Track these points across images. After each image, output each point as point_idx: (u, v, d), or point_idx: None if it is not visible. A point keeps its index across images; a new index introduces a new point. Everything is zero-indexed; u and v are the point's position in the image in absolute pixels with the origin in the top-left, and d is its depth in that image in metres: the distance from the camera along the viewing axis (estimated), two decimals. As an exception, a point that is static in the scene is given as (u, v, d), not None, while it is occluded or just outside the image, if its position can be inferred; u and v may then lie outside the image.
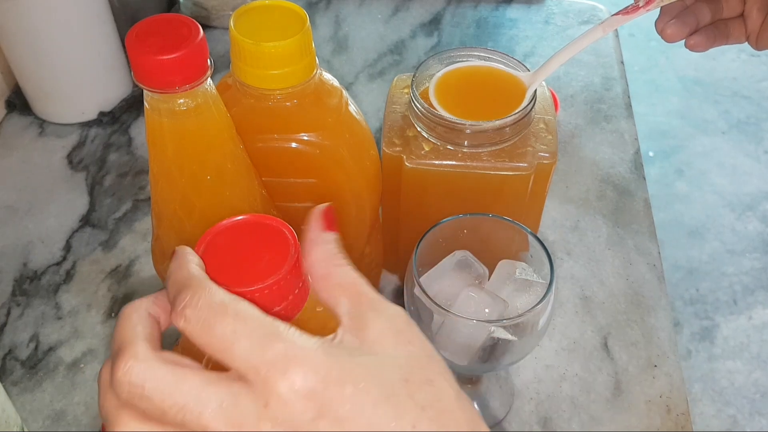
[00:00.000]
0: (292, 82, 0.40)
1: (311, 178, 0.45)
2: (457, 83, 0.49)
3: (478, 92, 0.49)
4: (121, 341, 0.25)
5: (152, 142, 0.37)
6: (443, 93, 0.48)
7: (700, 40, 0.45)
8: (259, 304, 0.29)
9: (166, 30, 0.34)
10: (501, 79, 0.49)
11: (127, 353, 0.25)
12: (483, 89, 0.49)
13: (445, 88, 0.48)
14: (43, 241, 0.63)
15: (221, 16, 0.85)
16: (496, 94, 0.48)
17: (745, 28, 0.46)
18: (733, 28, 0.46)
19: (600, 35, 0.44)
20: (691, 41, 0.45)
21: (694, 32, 0.45)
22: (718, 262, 1.64)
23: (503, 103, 0.47)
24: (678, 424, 0.50)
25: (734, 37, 0.46)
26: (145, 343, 0.25)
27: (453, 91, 0.48)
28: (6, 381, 0.53)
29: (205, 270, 0.29)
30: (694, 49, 0.46)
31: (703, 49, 0.45)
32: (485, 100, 0.49)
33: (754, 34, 0.45)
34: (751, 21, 0.45)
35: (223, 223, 0.30)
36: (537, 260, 0.44)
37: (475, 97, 0.49)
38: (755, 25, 0.45)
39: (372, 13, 0.89)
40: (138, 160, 0.71)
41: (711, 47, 0.46)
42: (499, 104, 0.47)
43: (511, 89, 0.48)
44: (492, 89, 0.49)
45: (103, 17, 0.71)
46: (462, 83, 0.49)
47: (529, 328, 0.42)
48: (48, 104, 0.74)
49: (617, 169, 0.69)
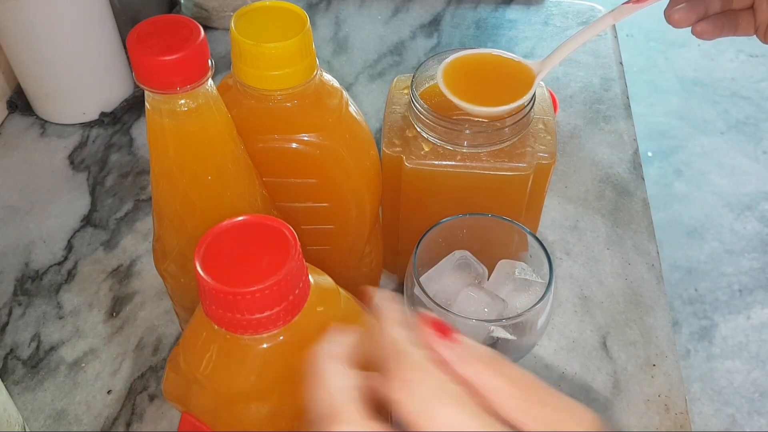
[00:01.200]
0: (292, 83, 0.41)
1: (311, 178, 0.45)
2: (466, 69, 0.49)
3: (487, 78, 0.49)
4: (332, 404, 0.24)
5: (153, 143, 0.38)
6: (452, 78, 0.48)
7: (708, 27, 0.44)
8: (259, 304, 0.29)
9: (167, 31, 0.34)
10: (510, 66, 0.49)
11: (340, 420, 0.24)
12: (492, 75, 0.49)
13: (454, 73, 0.48)
14: (45, 241, 0.64)
15: (222, 17, 0.86)
16: (505, 80, 0.48)
17: (755, 19, 0.45)
18: (742, 19, 0.45)
19: (610, 23, 0.44)
20: (698, 28, 0.44)
21: (702, 19, 0.44)
22: (717, 262, 1.64)
23: (512, 90, 0.47)
24: (677, 424, 0.50)
25: (743, 28, 0.45)
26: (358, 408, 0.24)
27: (462, 77, 0.48)
28: (7, 380, 0.53)
29: (206, 270, 0.29)
30: (701, 37, 0.44)
31: (710, 37, 0.44)
32: (494, 85, 0.48)
33: (763, 27, 0.44)
34: (761, 13, 0.44)
35: (224, 223, 0.31)
36: (536, 260, 0.44)
37: (484, 83, 0.48)
38: (765, 17, 0.44)
39: (372, 14, 0.90)
40: (139, 161, 0.71)
41: (718, 37, 0.45)
42: (508, 90, 0.47)
43: (520, 76, 0.48)
44: (501, 75, 0.49)
45: (104, 18, 0.71)
46: (471, 69, 0.49)
47: (528, 328, 0.42)
48: (49, 104, 0.74)
49: (616, 169, 0.69)
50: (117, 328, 0.57)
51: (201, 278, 0.29)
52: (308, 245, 0.49)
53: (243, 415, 0.31)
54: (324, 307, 0.33)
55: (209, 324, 0.31)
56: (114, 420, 0.51)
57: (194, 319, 0.33)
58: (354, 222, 0.48)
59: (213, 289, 0.28)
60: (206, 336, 0.31)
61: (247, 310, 0.29)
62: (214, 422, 0.32)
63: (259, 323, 0.29)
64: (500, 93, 0.47)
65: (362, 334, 0.27)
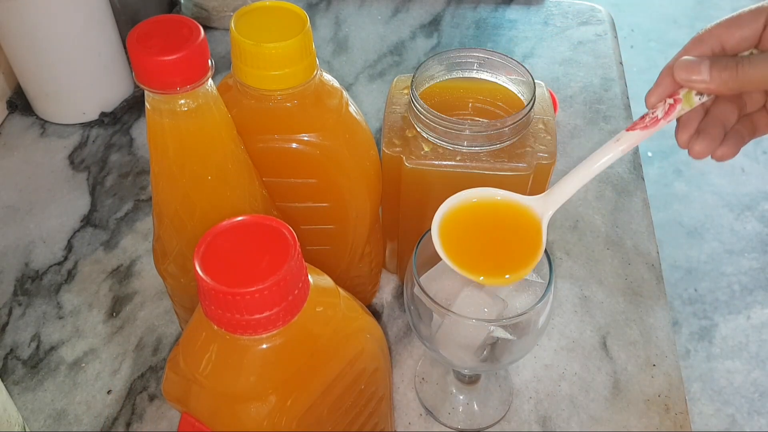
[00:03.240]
0: (292, 83, 0.41)
1: (311, 178, 0.45)
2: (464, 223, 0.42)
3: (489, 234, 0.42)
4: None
5: (153, 143, 0.38)
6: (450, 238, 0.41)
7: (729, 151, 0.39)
8: (259, 305, 0.29)
9: (167, 31, 0.34)
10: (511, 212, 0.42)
11: None
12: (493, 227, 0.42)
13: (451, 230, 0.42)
14: (45, 241, 0.64)
15: (222, 17, 0.86)
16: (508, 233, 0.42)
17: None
18: (759, 121, 0.41)
19: (618, 155, 0.39)
20: (719, 153, 0.39)
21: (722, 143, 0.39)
22: (717, 262, 1.64)
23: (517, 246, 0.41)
24: (677, 424, 0.51)
25: (761, 131, 0.41)
26: None
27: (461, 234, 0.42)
28: (7, 380, 0.53)
29: (205, 270, 0.29)
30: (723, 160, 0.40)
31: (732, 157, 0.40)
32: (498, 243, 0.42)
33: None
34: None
35: (224, 223, 0.31)
36: (536, 260, 0.44)
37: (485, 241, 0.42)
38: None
39: (372, 14, 0.90)
40: (139, 161, 0.71)
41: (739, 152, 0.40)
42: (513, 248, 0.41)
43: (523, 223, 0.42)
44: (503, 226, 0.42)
45: (104, 18, 0.71)
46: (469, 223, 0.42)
47: (528, 328, 0.42)
48: (49, 105, 0.74)
49: (616, 169, 0.69)
50: (117, 328, 0.57)
51: (200, 278, 0.29)
52: (308, 245, 0.49)
53: (243, 415, 0.31)
54: (323, 307, 0.33)
55: (209, 324, 0.31)
56: (114, 420, 0.51)
57: (194, 320, 0.33)
58: (354, 222, 0.48)
59: (212, 289, 0.28)
60: (206, 336, 0.31)
61: (246, 310, 0.29)
62: (213, 422, 0.32)
63: (259, 323, 0.29)
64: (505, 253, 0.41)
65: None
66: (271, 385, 0.31)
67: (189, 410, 0.33)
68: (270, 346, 0.31)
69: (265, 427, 0.31)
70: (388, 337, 0.56)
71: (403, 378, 0.53)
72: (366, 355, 0.35)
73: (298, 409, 0.32)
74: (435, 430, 0.51)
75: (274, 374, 0.31)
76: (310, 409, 0.33)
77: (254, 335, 0.30)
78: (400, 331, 0.57)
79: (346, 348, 0.34)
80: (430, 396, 0.52)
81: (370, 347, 0.36)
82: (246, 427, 0.31)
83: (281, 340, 0.31)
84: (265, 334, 0.30)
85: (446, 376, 0.53)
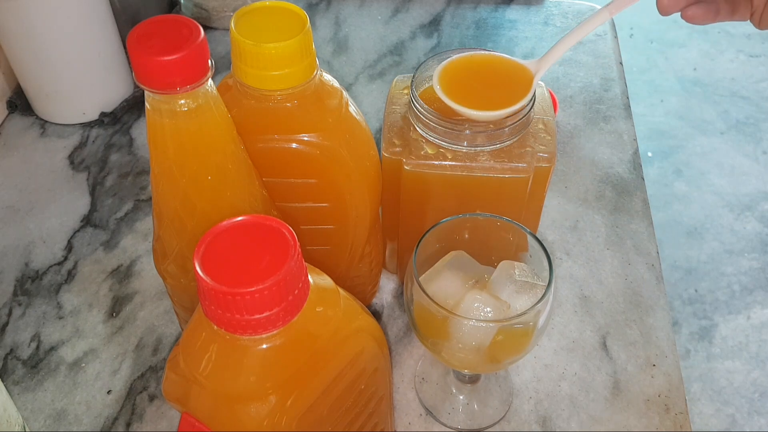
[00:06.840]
0: (292, 83, 0.41)
1: (311, 178, 0.45)
2: (462, 72, 0.48)
3: (485, 80, 0.48)
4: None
5: (153, 143, 0.38)
6: (448, 82, 0.47)
7: (698, 12, 0.42)
8: (259, 305, 0.29)
9: (167, 31, 0.34)
10: (507, 67, 0.48)
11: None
12: (489, 77, 0.48)
13: (449, 77, 0.47)
14: (45, 241, 0.64)
15: (222, 17, 0.86)
16: (502, 81, 0.47)
17: (751, 4, 0.43)
18: (739, 4, 0.43)
19: (606, 18, 0.43)
20: (688, 12, 0.42)
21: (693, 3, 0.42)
22: (717, 262, 1.64)
23: (510, 91, 0.46)
24: (677, 424, 0.51)
25: (739, 13, 0.43)
26: None
27: (458, 80, 0.47)
28: (7, 380, 0.53)
29: (205, 270, 0.29)
30: (692, 21, 0.42)
31: (701, 21, 0.42)
32: (492, 88, 0.47)
33: (758, 12, 0.43)
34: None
35: (224, 223, 0.31)
36: (536, 260, 0.44)
37: (481, 86, 0.48)
38: (761, 2, 0.42)
39: (372, 14, 0.90)
40: (139, 161, 0.71)
41: (711, 21, 0.42)
42: (507, 92, 0.46)
43: (518, 77, 0.47)
44: (498, 77, 0.48)
45: (104, 18, 0.71)
46: (467, 72, 0.48)
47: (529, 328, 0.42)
48: (49, 105, 0.74)
49: (616, 169, 0.69)
50: (117, 328, 0.57)
51: (200, 278, 0.29)
52: (308, 245, 0.49)
53: (243, 415, 0.31)
54: (323, 308, 0.33)
55: (209, 324, 0.31)
56: (114, 420, 0.51)
57: (194, 320, 0.33)
58: (354, 222, 0.48)
59: (212, 289, 0.28)
60: (206, 336, 0.31)
61: (246, 310, 0.29)
62: (213, 422, 0.32)
63: (259, 324, 0.29)
64: (499, 95, 0.46)
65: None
66: (271, 385, 0.31)
67: (189, 410, 0.33)
68: (270, 347, 0.31)
69: (265, 427, 0.31)
70: (388, 337, 0.56)
71: (403, 378, 0.53)
72: (366, 355, 0.35)
73: (298, 409, 0.32)
74: (435, 430, 0.51)
75: (274, 374, 0.31)
76: (310, 409, 0.33)
77: (254, 335, 0.30)
78: (400, 331, 0.57)
79: (346, 348, 0.34)
80: (430, 396, 0.52)
81: (370, 347, 0.36)
82: (246, 427, 0.31)
83: (281, 341, 0.31)
84: (265, 335, 0.30)
85: (446, 376, 0.53)
